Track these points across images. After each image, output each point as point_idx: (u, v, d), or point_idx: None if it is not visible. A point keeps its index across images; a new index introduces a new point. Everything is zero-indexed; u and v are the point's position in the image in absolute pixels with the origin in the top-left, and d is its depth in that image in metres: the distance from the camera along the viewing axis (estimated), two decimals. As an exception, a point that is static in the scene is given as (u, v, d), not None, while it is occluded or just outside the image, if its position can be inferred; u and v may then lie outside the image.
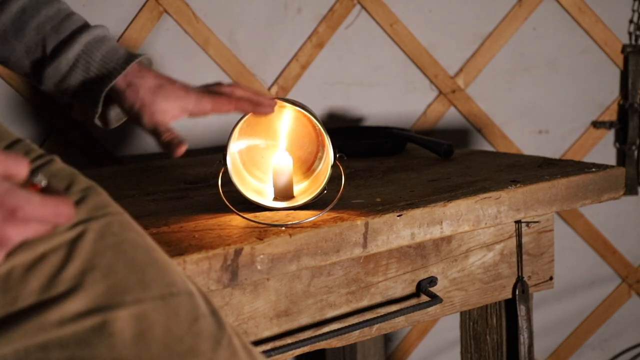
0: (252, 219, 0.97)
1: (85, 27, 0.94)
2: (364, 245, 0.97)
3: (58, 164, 0.73)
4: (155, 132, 0.93)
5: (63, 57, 0.92)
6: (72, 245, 0.65)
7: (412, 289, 1.10)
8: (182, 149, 0.92)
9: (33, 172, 0.60)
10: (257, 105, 0.97)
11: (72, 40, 0.92)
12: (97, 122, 0.97)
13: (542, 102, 1.91)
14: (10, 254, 0.63)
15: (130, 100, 0.93)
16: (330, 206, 0.98)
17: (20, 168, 0.58)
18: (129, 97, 0.93)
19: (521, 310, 1.20)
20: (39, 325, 0.62)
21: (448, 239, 1.12)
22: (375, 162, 1.37)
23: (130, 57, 0.94)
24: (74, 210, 0.59)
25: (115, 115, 0.99)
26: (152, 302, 0.66)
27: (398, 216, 0.99)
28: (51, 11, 0.92)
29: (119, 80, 0.93)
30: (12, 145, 0.74)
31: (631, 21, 1.93)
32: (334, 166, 1.02)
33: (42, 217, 0.57)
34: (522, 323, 1.20)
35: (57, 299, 0.63)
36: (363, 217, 0.97)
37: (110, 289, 0.65)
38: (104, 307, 0.64)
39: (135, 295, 0.66)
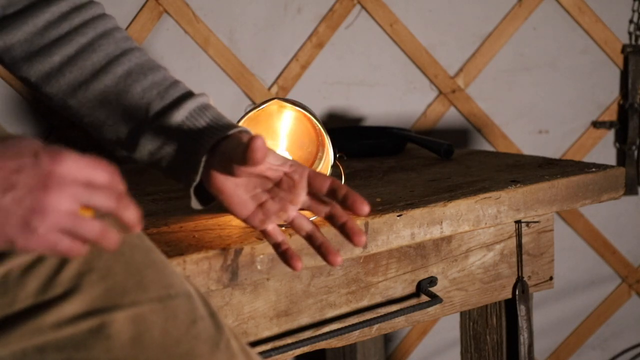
0: (252, 219, 0.97)
1: (190, 94, 0.88)
2: (364, 245, 0.97)
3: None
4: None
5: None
6: (70, 246, 0.65)
7: (412, 289, 1.10)
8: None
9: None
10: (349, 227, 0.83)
11: (177, 106, 0.86)
12: (195, 178, 0.85)
13: (542, 102, 1.91)
14: (7, 256, 0.62)
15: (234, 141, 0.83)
16: (330, 206, 0.98)
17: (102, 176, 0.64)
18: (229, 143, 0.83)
19: (521, 310, 1.20)
20: (36, 328, 0.62)
21: (448, 239, 1.11)
22: (375, 162, 1.37)
23: (236, 125, 0.87)
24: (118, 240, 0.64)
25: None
26: (150, 304, 0.66)
27: (398, 216, 0.99)
28: (157, 77, 0.88)
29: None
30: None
31: (631, 21, 1.92)
32: (334, 166, 1.02)
33: (91, 237, 0.62)
34: (522, 323, 1.20)
35: (54, 302, 0.63)
36: (363, 217, 0.97)
37: (108, 291, 0.65)
38: (101, 309, 0.64)
39: (133, 297, 0.66)
